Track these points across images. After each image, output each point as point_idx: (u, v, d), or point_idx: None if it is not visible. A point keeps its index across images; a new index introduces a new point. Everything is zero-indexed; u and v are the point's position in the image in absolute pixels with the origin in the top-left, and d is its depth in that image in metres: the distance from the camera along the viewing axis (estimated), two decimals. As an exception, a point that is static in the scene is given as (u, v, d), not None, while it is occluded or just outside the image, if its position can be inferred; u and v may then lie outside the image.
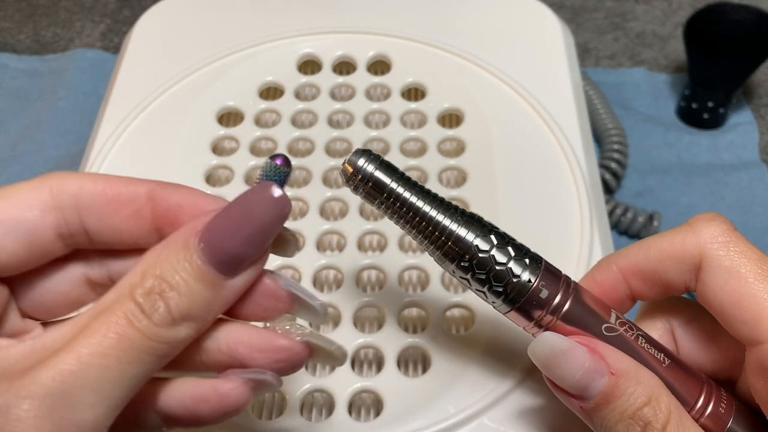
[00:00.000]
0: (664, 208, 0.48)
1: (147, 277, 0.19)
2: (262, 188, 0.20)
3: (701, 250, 0.23)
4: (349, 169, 0.23)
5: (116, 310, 0.19)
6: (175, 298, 0.19)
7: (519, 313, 0.23)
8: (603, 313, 0.24)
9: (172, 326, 0.19)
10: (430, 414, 0.27)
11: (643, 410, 0.22)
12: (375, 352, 0.30)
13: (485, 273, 0.23)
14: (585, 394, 0.22)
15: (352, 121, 0.38)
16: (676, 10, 0.61)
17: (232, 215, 0.20)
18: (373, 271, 0.32)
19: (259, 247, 0.20)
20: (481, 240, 0.23)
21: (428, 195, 0.23)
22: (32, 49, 0.58)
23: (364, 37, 0.41)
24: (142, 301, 0.19)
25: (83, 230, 0.21)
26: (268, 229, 0.20)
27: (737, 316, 0.22)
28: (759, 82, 0.55)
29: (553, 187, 0.34)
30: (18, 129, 0.52)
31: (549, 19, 0.42)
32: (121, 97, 0.38)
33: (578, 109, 0.38)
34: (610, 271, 0.25)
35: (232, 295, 0.20)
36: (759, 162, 0.50)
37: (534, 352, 0.23)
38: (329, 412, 0.28)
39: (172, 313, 0.19)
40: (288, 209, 0.20)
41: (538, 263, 0.23)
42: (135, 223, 0.21)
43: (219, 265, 0.19)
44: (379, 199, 0.23)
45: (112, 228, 0.21)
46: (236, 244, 0.19)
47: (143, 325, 0.19)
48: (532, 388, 0.28)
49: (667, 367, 0.24)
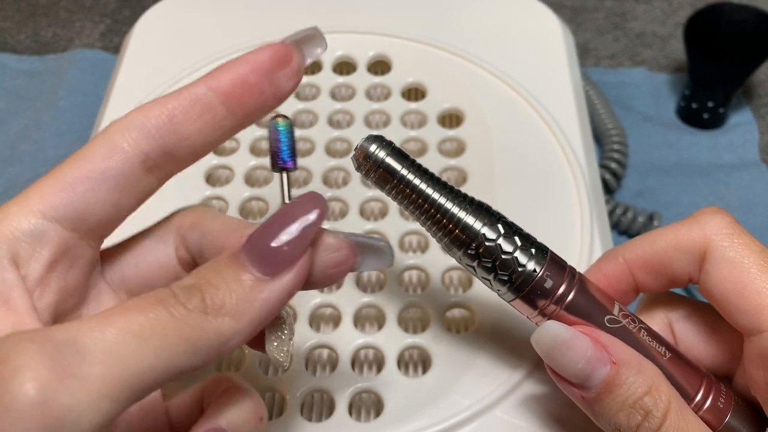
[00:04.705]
0: (664, 208, 0.48)
1: (190, 278, 0.19)
2: (301, 198, 0.20)
3: (706, 242, 0.24)
4: (361, 155, 0.23)
5: (150, 296, 0.18)
6: (210, 290, 0.19)
7: (523, 302, 0.24)
8: (606, 305, 0.24)
9: (204, 314, 0.18)
10: (430, 414, 0.27)
11: (643, 399, 0.22)
12: (375, 352, 0.30)
13: (491, 261, 0.23)
14: (587, 384, 0.22)
15: (353, 121, 0.38)
16: (676, 10, 0.61)
17: (273, 220, 0.20)
18: (374, 271, 0.32)
19: (297, 244, 0.20)
20: (488, 229, 0.23)
21: (438, 182, 0.24)
22: (32, 49, 0.58)
23: (364, 37, 0.41)
24: (178, 292, 0.19)
25: (165, 154, 0.21)
26: (306, 227, 0.20)
27: (739, 305, 0.23)
28: (759, 82, 0.55)
29: (553, 187, 0.34)
30: (18, 129, 0.52)
31: (549, 19, 0.42)
32: (121, 97, 0.38)
33: (578, 109, 0.38)
34: (616, 262, 0.25)
35: (274, 297, 0.19)
36: (759, 162, 0.50)
37: (537, 340, 0.24)
38: (329, 412, 0.28)
39: (205, 302, 0.18)
40: (325, 208, 0.20)
41: (543, 253, 0.24)
42: (209, 119, 0.21)
43: (258, 262, 0.19)
44: (390, 184, 0.23)
45: (190, 137, 0.21)
46: (275, 242, 0.19)
47: (175, 307, 0.18)
48: (532, 387, 0.28)
49: (668, 360, 0.24)
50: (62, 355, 0.16)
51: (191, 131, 0.21)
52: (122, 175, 0.21)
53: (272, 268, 0.19)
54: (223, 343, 0.19)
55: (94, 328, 0.17)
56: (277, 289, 0.19)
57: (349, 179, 0.35)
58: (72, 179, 0.20)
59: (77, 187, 0.20)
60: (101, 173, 0.21)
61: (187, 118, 0.21)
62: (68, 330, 0.17)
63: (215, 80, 0.21)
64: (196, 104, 0.21)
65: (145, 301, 0.18)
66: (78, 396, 0.16)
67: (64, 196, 0.20)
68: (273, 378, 0.29)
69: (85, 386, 0.16)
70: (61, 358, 0.16)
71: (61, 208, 0.20)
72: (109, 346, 0.17)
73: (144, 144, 0.21)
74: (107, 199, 0.21)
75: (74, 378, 0.16)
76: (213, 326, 0.18)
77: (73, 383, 0.16)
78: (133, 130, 0.21)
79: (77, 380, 0.16)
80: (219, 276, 0.19)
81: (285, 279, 0.20)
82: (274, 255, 0.19)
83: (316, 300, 0.31)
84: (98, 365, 0.16)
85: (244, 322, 0.19)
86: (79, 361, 0.16)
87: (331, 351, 0.30)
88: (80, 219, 0.21)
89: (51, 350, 0.16)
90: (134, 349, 0.17)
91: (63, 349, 0.16)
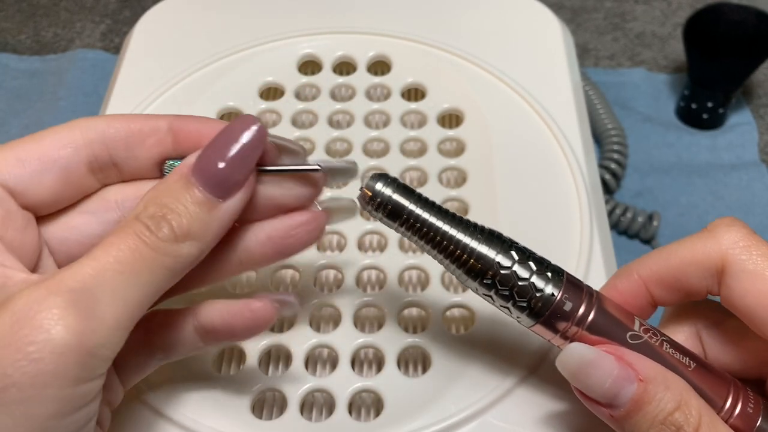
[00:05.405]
0: (664, 208, 0.48)
1: (150, 205, 0.22)
2: (241, 119, 0.23)
3: (723, 256, 0.23)
4: (368, 194, 0.23)
5: (127, 229, 0.21)
6: (176, 218, 0.21)
7: (544, 327, 0.24)
8: (627, 321, 0.24)
9: (176, 242, 0.21)
10: (430, 414, 0.27)
11: (674, 415, 0.22)
12: (375, 352, 0.30)
13: (508, 289, 0.23)
14: (615, 402, 0.22)
15: (352, 121, 0.38)
16: (675, 11, 0.61)
17: (218, 143, 0.22)
18: (373, 271, 0.32)
19: (244, 168, 0.22)
20: (502, 256, 0.23)
21: (447, 214, 0.23)
22: (33, 50, 0.58)
23: (364, 37, 0.41)
24: (149, 222, 0.21)
25: (112, 163, 0.24)
26: (249, 151, 0.22)
27: (765, 317, 0.23)
28: (759, 82, 0.55)
29: (553, 187, 0.34)
30: (18, 129, 0.52)
31: (549, 19, 0.42)
32: (122, 97, 0.38)
33: (578, 109, 0.38)
34: (632, 279, 0.25)
35: (227, 216, 0.22)
36: (758, 162, 0.50)
37: (562, 363, 0.23)
38: (329, 412, 0.28)
39: (174, 231, 0.21)
40: (264, 132, 0.23)
41: (560, 276, 0.24)
42: (159, 151, 0.24)
43: (211, 188, 0.22)
44: (399, 221, 0.23)
45: (138, 158, 0.24)
46: (223, 167, 0.22)
47: (151, 240, 0.21)
48: (532, 387, 0.28)
49: (694, 371, 0.24)
50: (82, 302, 0.20)
51: (140, 154, 0.24)
52: (68, 168, 0.23)
53: (224, 192, 0.22)
54: (192, 262, 0.22)
55: (95, 273, 0.20)
56: (230, 208, 0.22)
57: (349, 179, 0.35)
58: (25, 156, 0.23)
59: (27, 166, 0.23)
60: (52, 161, 0.23)
61: (141, 142, 0.24)
62: (75, 276, 0.20)
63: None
64: (154, 135, 0.24)
65: (123, 236, 0.21)
66: (101, 333, 0.20)
67: (13, 168, 0.23)
68: (273, 378, 0.29)
69: (104, 324, 0.20)
70: (82, 305, 0.20)
71: (10, 178, 0.23)
72: (111, 286, 0.20)
73: (97, 147, 0.24)
74: (50, 186, 0.23)
75: (95, 319, 0.20)
76: (185, 251, 0.22)
77: (94, 324, 0.20)
78: (92, 131, 0.24)
79: (97, 321, 0.20)
80: (177, 201, 0.22)
81: (236, 198, 0.22)
82: (225, 179, 0.22)
83: (316, 300, 0.31)
84: (109, 306, 0.20)
85: (208, 241, 0.22)
86: (94, 304, 0.20)
87: (331, 350, 0.30)
88: (21, 194, 0.23)
89: (73, 299, 0.20)
90: (130, 286, 0.21)
91: (81, 296, 0.20)
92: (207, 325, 0.24)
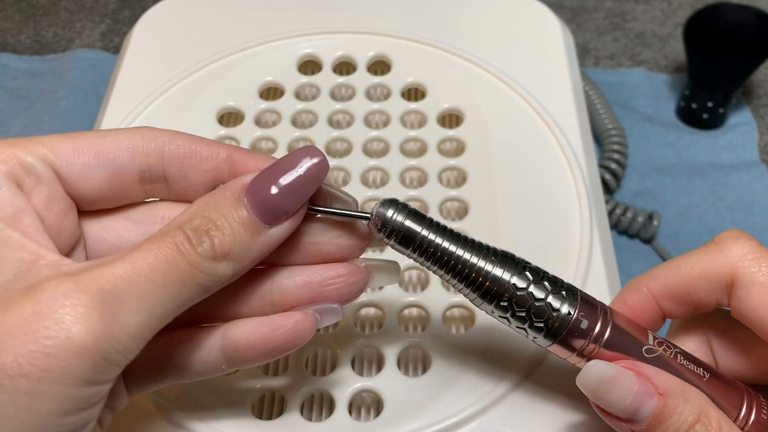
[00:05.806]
0: (664, 208, 0.48)
1: (196, 216, 0.21)
2: (304, 150, 0.22)
3: (732, 269, 0.24)
4: (378, 221, 0.23)
5: (167, 237, 0.21)
6: (219, 236, 0.21)
7: (561, 346, 0.23)
8: (641, 336, 0.24)
9: (214, 261, 0.21)
10: (430, 414, 0.27)
11: (695, 427, 0.22)
12: (375, 352, 0.30)
13: (525, 310, 0.23)
14: (636, 417, 0.22)
15: (352, 121, 0.38)
16: (675, 10, 0.61)
17: (277, 169, 0.22)
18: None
19: (298, 200, 0.22)
20: (517, 278, 0.23)
21: (459, 238, 0.23)
22: (32, 50, 0.58)
23: (364, 37, 0.41)
24: (191, 234, 0.21)
25: (163, 178, 0.24)
26: (305, 182, 0.22)
27: None
28: (759, 82, 0.55)
29: (553, 187, 0.34)
30: (18, 129, 0.52)
31: (549, 19, 0.42)
32: (122, 97, 0.38)
33: (578, 109, 0.38)
34: (641, 293, 0.25)
35: (271, 242, 0.22)
36: (759, 162, 0.50)
37: (583, 382, 0.23)
38: (329, 412, 0.28)
39: (215, 249, 0.21)
40: (325, 167, 0.22)
41: (574, 294, 0.24)
42: (212, 177, 0.24)
43: (260, 211, 0.22)
44: (412, 247, 0.23)
45: (190, 180, 0.24)
46: (277, 194, 0.22)
47: (189, 253, 0.21)
48: (532, 388, 0.28)
49: (708, 381, 0.24)
50: (107, 304, 0.19)
51: (193, 176, 0.24)
52: (120, 170, 0.23)
53: (272, 218, 0.22)
54: (224, 282, 0.22)
55: (126, 276, 0.20)
56: (273, 236, 0.22)
57: (349, 179, 0.35)
58: (83, 147, 0.22)
59: (82, 157, 0.22)
60: (107, 159, 0.23)
61: (197, 165, 0.23)
62: (107, 275, 0.20)
63: None
64: (212, 161, 0.23)
65: (161, 244, 0.21)
66: (120, 339, 0.19)
67: (68, 155, 0.22)
68: (273, 378, 0.29)
69: (124, 331, 0.20)
70: (107, 308, 0.19)
71: (63, 164, 0.22)
72: (140, 294, 0.20)
73: (153, 159, 0.23)
74: (98, 182, 0.23)
75: (116, 324, 0.19)
76: (221, 270, 0.21)
77: (115, 328, 0.19)
78: (153, 142, 0.23)
79: (119, 326, 0.19)
80: (224, 218, 0.21)
81: (282, 227, 0.22)
82: (276, 206, 0.22)
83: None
84: (133, 313, 0.20)
85: (245, 265, 0.22)
86: (118, 308, 0.19)
87: (331, 350, 0.30)
88: (69, 182, 0.22)
89: (98, 300, 0.19)
90: (158, 296, 0.20)
91: (107, 298, 0.19)
92: (240, 343, 0.23)
